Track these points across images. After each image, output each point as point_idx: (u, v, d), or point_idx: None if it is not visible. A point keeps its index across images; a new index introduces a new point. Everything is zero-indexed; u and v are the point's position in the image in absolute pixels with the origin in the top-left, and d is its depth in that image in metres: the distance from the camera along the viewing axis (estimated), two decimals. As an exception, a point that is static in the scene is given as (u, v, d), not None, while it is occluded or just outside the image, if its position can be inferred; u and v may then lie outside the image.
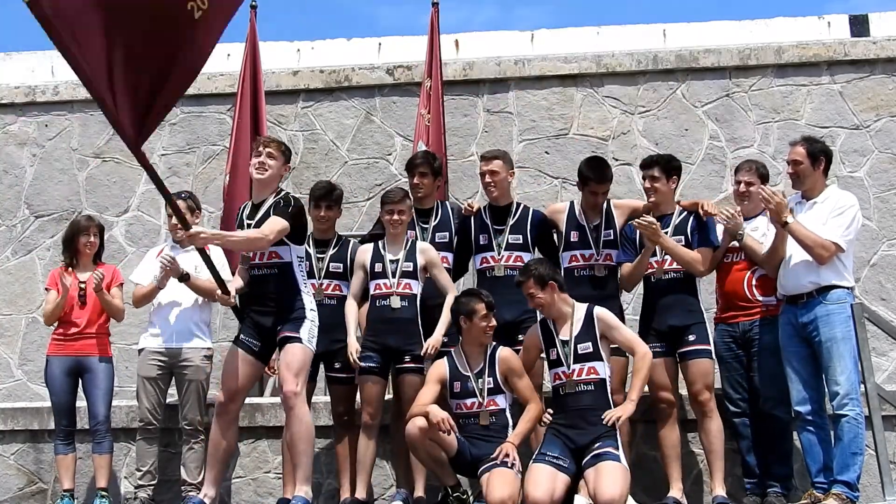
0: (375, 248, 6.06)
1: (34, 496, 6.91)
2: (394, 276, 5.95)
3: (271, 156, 5.69)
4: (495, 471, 5.33)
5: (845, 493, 5.33)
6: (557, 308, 5.61)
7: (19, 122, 8.83)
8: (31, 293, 8.49)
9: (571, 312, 5.64)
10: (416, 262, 5.98)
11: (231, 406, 5.67)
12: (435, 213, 6.32)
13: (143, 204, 8.62)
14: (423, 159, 6.35)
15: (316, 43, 8.92)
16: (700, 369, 5.84)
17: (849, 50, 8.27)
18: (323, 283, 6.14)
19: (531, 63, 8.54)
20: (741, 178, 6.06)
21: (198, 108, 8.68)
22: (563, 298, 5.64)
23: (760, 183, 5.98)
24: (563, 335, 5.60)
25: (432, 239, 6.23)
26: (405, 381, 5.88)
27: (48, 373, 6.45)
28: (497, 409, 5.63)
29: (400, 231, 6.04)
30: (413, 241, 6.09)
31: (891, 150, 8.15)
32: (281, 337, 5.58)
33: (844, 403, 5.39)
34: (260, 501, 6.56)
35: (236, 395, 5.67)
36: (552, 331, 5.64)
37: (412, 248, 6.04)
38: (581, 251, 6.11)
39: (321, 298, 6.04)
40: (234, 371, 5.60)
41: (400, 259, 5.98)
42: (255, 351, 5.65)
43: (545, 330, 5.68)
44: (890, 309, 7.81)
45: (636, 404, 5.50)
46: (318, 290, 6.07)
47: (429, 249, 6.08)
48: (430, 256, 6.04)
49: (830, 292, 5.53)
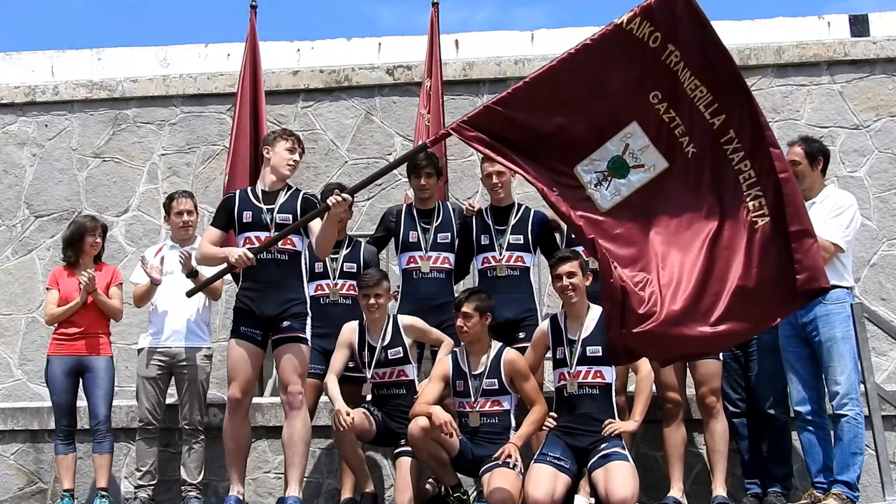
0: (361, 334, 5.88)
1: (34, 496, 6.91)
2: (384, 367, 5.84)
3: (301, 153, 5.84)
4: (496, 471, 5.33)
5: (845, 492, 5.33)
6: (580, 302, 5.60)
7: (19, 122, 8.83)
8: (31, 293, 8.48)
9: (585, 312, 5.63)
10: (404, 345, 5.85)
11: (245, 400, 5.68)
12: (437, 214, 6.31)
13: (143, 204, 8.61)
14: (428, 160, 6.29)
15: (316, 43, 8.91)
16: (707, 370, 5.82)
17: (849, 50, 8.27)
18: (338, 283, 6.17)
19: (531, 63, 8.51)
20: None
21: (198, 108, 8.68)
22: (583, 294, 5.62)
23: None
24: (571, 334, 5.59)
25: (434, 240, 6.22)
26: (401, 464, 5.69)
27: (49, 373, 6.45)
28: (500, 410, 5.61)
29: (379, 315, 5.86)
30: (394, 319, 5.90)
31: (891, 150, 8.14)
32: (287, 335, 5.58)
33: (844, 403, 5.39)
34: (260, 501, 6.56)
35: (249, 388, 5.69)
36: (562, 329, 5.63)
37: (396, 330, 5.86)
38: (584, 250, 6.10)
39: (336, 298, 6.13)
40: (244, 365, 5.60)
41: (386, 346, 5.83)
42: (259, 340, 5.65)
43: (555, 327, 5.66)
44: (890, 309, 7.81)
45: (639, 424, 5.55)
46: (333, 289, 6.14)
47: (414, 323, 5.90)
48: (416, 329, 5.89)
49: (830, 292, 5.50)
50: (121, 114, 8.74)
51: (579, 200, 4.69)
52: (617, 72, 4.66)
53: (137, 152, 8.69)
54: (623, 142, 4.70)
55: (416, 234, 6.23)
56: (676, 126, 4.67)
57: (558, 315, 5.71)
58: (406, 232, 6.25)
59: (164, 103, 8.71)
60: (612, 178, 4.71)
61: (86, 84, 8.77)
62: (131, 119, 8.73)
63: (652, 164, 4.69)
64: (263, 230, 5.61)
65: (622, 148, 4.70)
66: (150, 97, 8.71)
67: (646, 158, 4.70)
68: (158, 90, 8.70)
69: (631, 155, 4.71)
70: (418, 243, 6.22)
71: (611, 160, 4.71)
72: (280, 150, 5.72)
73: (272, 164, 5.74)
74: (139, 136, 8.71)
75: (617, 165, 4.71)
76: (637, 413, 5.55)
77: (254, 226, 5.66)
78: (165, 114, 8.71)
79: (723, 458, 5.83)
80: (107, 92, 8.74)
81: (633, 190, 4.70)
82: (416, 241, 6.23)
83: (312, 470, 6.50)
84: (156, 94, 8.71)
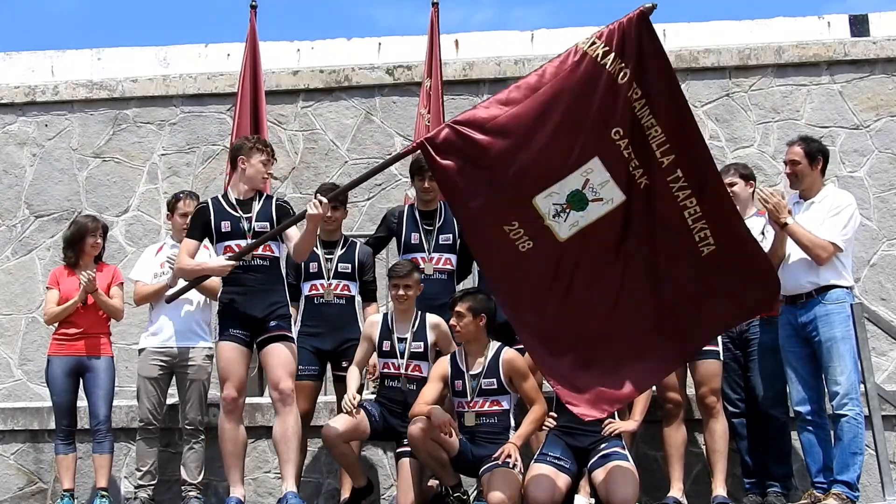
0: (384, 324, 5.91)
1: (34, 496, 6.92)
2: (402, 357, 5.85)
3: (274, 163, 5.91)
4: (496, 471, 5.32)
5: (845, 492, 5.33)
6: None
7: (19, 122, 8.84)
8: (31, 293, 8.49)
9: None
10: (426, 341, 5.85)
11: (240, 400, 5.72)
12: (439, 215, 6.30)
13: (143, 204, 8.62)
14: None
15: (316, 43, 8.92)
16: (708, 370, 5.82)
17: (849, 50, 8.27)
18: (332, 284, 6.16)
19: (531, 63, 8.51)
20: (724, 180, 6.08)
21: (198, 108, 8.68)
22: None
23: (743, 183, 6.02)
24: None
25: (436, 241, 6.22)
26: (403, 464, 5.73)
27: (49, 373, 6.45)
28: (499, 410, 5.61)
29: (407, 307, 5.88)
30: (422, 315, 5.91)
31: (891, 150, 8.15)
32: (275, 334, 5.63)
33: (844, 403, 5.39)
34: (260, 501, 6.56)
35: (242, 387, 5.74)
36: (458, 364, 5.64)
37: (423, 325, 5.88)
38: None
39: (330, 298, 6.13)
40: (236, 365, 5.64)
41: (408, 339, 5.85)
42: (247, 342, 5.69)
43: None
44: (890, 309, 7.81)
45: (639, 424, 5.58)
46: (328, 290, 6.13)
47: (440, 323, 5.90)
48: (441, 331, 5.88)
49: (829, 292, 5.53)
50: (121, 114, 8.74)
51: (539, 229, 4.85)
52: (586, 107, 4.79)
53: (137, 152, 8.70)
54: (584, 177, 4.84)
55: (418, 235, 6.22)
56: (632, 160, 4.82)
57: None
58: (408, 234, 6.24)
59: (164, 103, 8.72)
60: (570, 210, 4.85)
61: (86, 84, 8.77)
62: (131, 119, 8.74)
63: (610, 197, 4.85)
64: (242, 238, 5.65)
65: (582, 182, 4.84)
66: (150, 97, 8.72)
67: (605, 193, 4.85)
68: (158, 90, 8.71)
69: (591, 189, 4.85)
70: (420, 245, 6.21)
71: (570, 193, 4.85)
72: (256, 163, 5.74)
73: (247, 175, 5.74)
74: (139, 136, 8.72)
75: (576, 199, 4.85)
76: (637, 413, 5.55)
77: (233, 234, 5.68)
78: (165, 114, 8.72)
79: (723, 458, 5.83)
80: (107, 92, 8.75)
81: (590, 221, 4.87)
82: (418, 243, 6.22)
83: (312, 470, 6.51)
84: (156, 94, 8.72)
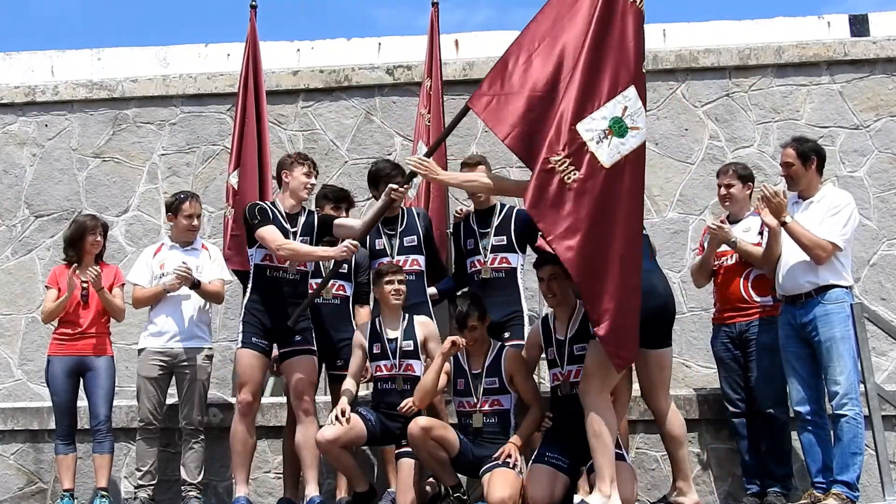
0: (372, 328, 5.92)
1: (34, 496, 6.92)
2: (394, 357, 5.86)
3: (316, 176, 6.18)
4: (496, 471, 5.33)
5: (845, 492, 5.34)
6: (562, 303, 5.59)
7: (19, 121, 8.83)
8: (31, 293, 8.49)
9: (571, 312, 5.61)
10: (415, 339, 5.86)
11: (255, 404, 5.99)
12: (401, 220, 6.34)
13: (143, 204, 8.62)
14: (396, 170, 6.37)
15: (316, 43, 8.91)
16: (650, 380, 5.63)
17: (849, 50, 8.27)
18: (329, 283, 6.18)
19: (531, 63, 8.52)
20: (721, 181, 6.12)
21: (198, 108, 8.68)
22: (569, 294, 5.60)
23: (741, 184, 6.04)
24: (559, 335, 5.59)
25: (400, 244, 6.26)
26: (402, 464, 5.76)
27: (49, 373, 6.45)
28: (500, 409, 5.62)
29: (402, 302, 5.90)
30: (410, 316, 5.94)
31: (891, 150, 8.14)
32: (300, 348, 5.91)
33: (844, 403, 5.40)
34: (260, 501, 6.56)
35: (258, 393, 6.02)
36: (551, 329, 5.63)
37: (411, 324, 5.91)
38: None
39: (328, 297, 6.24)
40: (253, 371, 5.90)
41: (398, 339, 5.86)
42: (267, 350, 5.97)
43: (545, 328, 5.67)
44: (890, 309, 7.81)
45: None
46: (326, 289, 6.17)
47: (428, 322, 5.97)
48: (429, 329, 5.93)
49: (829, 292, 5.53)
50: (121, 114, 8.74)
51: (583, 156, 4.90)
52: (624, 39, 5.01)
53: (137, 152, 8.69)
54: (622, 104, 4.97)
55: (381, 241, 6.30)
56: None
57: (549, 315, 5.71)
58: (372, 241, 6.31)
59: (164, 103, 8.71)
60: (612, 137, 4.94)
61: (86, 84, 8.77)
62: (131, 119, 8.73)
63: (644, 127, 5.01)
64: None
65: (622, 109, 4.96)
66: (150, 97, 8.71)
67: (640, 121, 5.00)
68: (158, 90, 8.70)
69: (629, 117, 4.97)
70: (384, 250, 6.27)
71: (612, 119, 4.94)
72: (298, 175, 6.04)
73: (291, 187, 6.04)
74: (139, 136, 8.71)
75: (617, 125, 4.96)
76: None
77: None
78: (165, 114, 8.71)
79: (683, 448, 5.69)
80: (107, 92, 8.74)
81: (630, 150, 4.97)
82: (382, 248, 6.29)
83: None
84: (156, 94, 8.71)
